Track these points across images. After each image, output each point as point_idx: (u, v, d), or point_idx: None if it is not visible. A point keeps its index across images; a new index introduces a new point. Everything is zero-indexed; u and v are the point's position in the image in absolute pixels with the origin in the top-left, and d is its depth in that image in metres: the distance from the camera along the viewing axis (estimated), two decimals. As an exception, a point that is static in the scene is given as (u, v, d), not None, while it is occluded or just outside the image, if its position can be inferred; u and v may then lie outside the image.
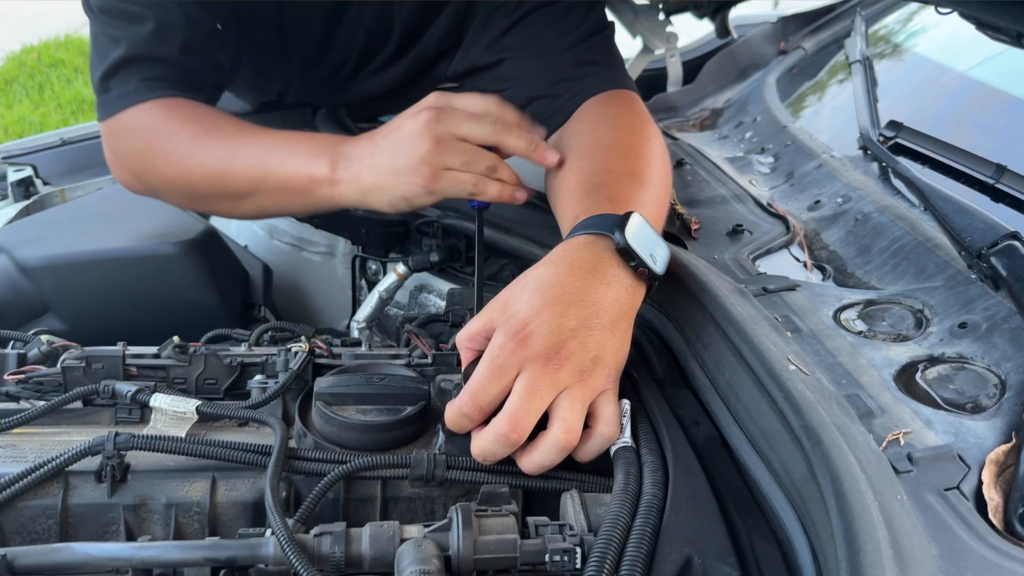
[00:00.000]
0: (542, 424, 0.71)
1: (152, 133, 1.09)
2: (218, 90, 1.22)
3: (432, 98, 0.97)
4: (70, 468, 0.71)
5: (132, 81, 1.09)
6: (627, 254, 0.77)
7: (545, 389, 0.70)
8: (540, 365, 0.70)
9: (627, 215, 0.80)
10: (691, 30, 1.87)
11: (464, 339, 0.77)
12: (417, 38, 1.30)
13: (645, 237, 0.79)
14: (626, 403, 0.75)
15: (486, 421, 0.72)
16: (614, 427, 0.73)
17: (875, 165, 1.13)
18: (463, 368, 0.76)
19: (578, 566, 0.61)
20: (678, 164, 1.31)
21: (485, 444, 0.70)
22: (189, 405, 0.79)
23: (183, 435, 0.76)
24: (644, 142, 1.01)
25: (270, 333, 0.98)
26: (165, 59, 1.10)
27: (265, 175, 1.01)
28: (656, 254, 0.80)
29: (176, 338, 0.89)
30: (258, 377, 0.86)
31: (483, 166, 0.95)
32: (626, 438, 0.73)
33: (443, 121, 0.94)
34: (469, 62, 1.25)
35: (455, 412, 0.72)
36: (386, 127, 0.99)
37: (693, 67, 1.75)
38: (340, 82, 1.40)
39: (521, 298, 0.74)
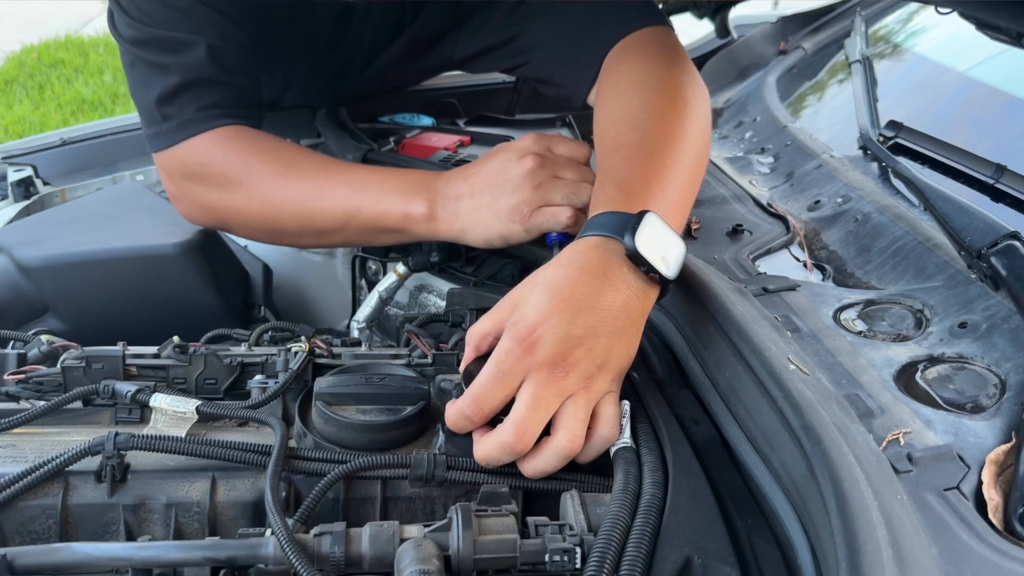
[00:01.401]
0: (545, 429, 0.71)
1: (229, 167, 1.07)
2: (262, 108, 1.20)
3: (532, 142, 0.99)
4: (70, 468, 0.71)
5: (189, 108, 1.07)
6: (637, 259, 0.76)
7: (551, 398, 0.70)
8: (546, 373, 0.70)
9: (641, 215, 0.77)
10: (691, 30, 1.87)
11: (474, 335, 0.76)
12: (414, 15, 1.29)
13: (658, 240, 0.77)
14: (626, 404, 0.75)
15: (489, 423, 0.72)
16: (614, 429, 0.73)
17: (875, 165, 1.13)
18: (462, 366, 0.76)
19: (578, 566, 0.61)
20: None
21: (489, 451, 0.70)
22: (189, 405, 0.79)
23: (183, 435, 0.76)
24: (667, 100, 0.98)
25: (270, 333, 0.98)
26: (220, 82, 1.09)
27: (357, 213, 1.02)
28: (669, 256, 0.77)
29: (176, 338, 0.89)
30: (258, 377, 0.86)
31: (582, 199, 0.95)
32: (626, 439, 0.73)
33: (546, 167, 0.96)
34: (481, 43, 1.23)
35: (456, 413, 0.72)
36: (482, 165, 1.00)
37: (693, 67, 1.75)
38: (343, 79, 1.39)
39: (530, 300, 0.74)
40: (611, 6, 1.10)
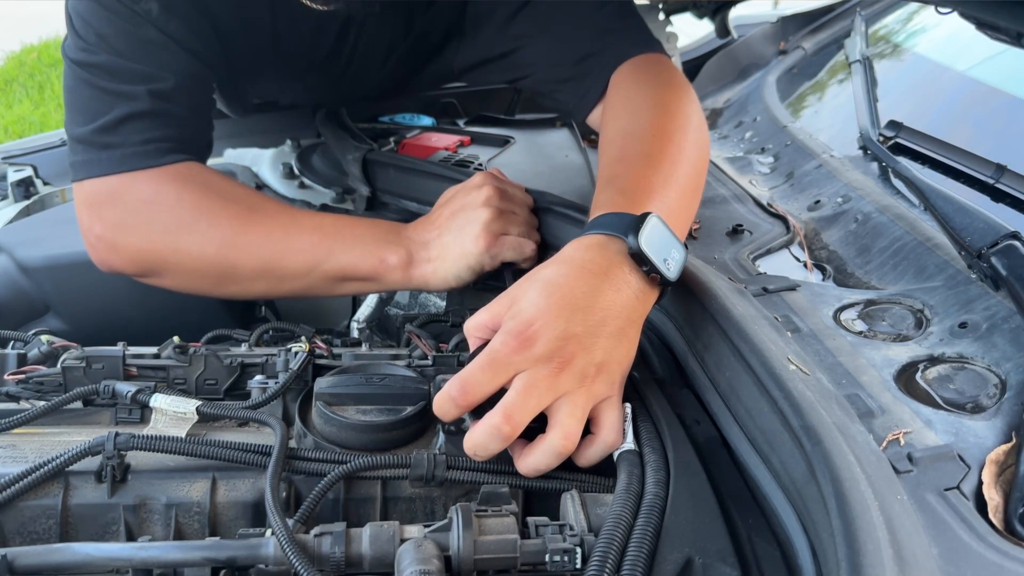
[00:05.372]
0: (542, 428, 0.71)
1: (184, 207, 0.99)
2: (210, 149, 1.12)
3: (485, 177, 1.02)
4: (70, 468, 0.71)
5: (136, 139, 0.99)
6: (640, 259, 0.76)
7: (544, 389, 0.70)
8: (540, 367, 0.70)
9: (644, 216, 0.78)
10: (691, 30, 1.87)
11: (471, 329, 0.77)
12: (410, 28, 1.28)
13: (660, 241, 0.77)
14: (627, 406, 0.75)
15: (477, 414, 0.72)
16: (616, 435, 0.73)
17: (875, 165, 1.13)
18: (470, 354, 0.76)
19: (578, 566, 0.61)
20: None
21: (477, 437, 0.70)
22: (189, 405, 0.79)
23: (183, 435, 0.76)
24: (669, 117, 1.00)
25: (270, 333, 0.98)
26: (174, 116, 1.01)
27: (327, 258, 0.99)
28: (671, 258, 0.78)
29: (176, 338, 0.89)
30: (258, 377, 0.86)
31: (534, 237, 1.01)
32: (628, 443, 0.72)
33: (504, 198, 1.00)
34: (479, 54, 1.23)
35: (443, 395, 0.72)
36: (443, 208, 1.02)
37: (693, 67, 1.75)
38: (339, 86, 1.39)
39: (528, 296, 0.74)
40: (613, 31, 1.13)
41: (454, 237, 0.98)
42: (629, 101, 1.06)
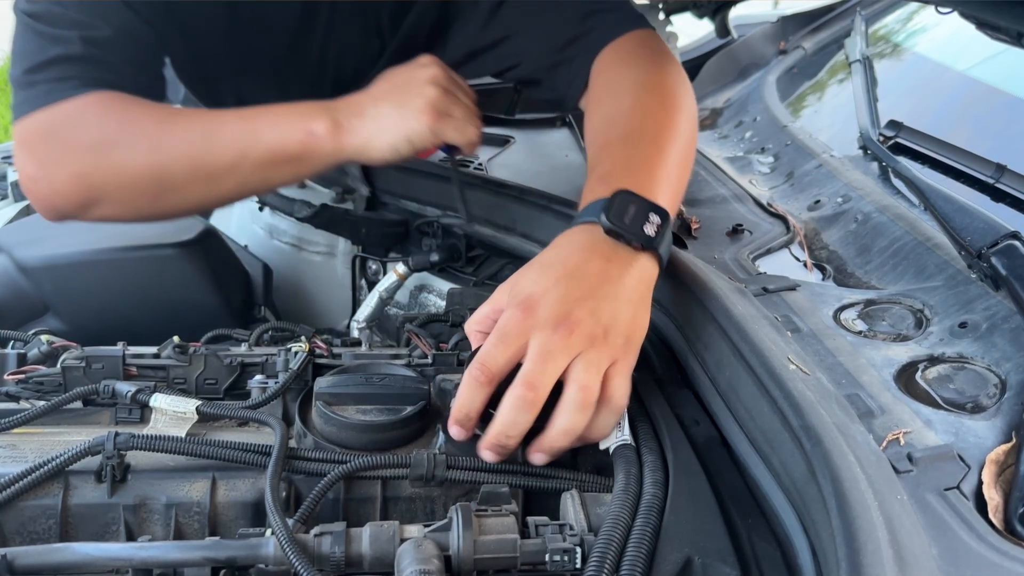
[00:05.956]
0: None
1: (108, 128, 0.98)
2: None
3: (431, 59, 1.04)
4: (70, 468, 0.71)
5: (61, 76, 0.98)
6: (614, 233, 0.78)
7: (558, 353, 0.70)
8: (550, 331, 0.71)
9: (615, 195, 0.80)
10: (691, 30, 1.87)
11: (473, 324, 0.78)
12: (400, 29, 1.28)
13: (635, 212, 0.79)
14: None
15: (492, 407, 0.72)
16: (624, 400, 0.73)
17: (875, 165, 1.13)
18: (470, 353, 0.76)
19: (578, 566, 0.61)
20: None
21: (505, 413, 0.70)
22: (189, 405, 0.79)
23: (183, 435, 0.76)
24: (651, 95, 1.01)
25: (270, 333, 0.98)
26: (106, 63, 1.00)
27: (254, 143, 0.97)
28: (651, 221, 0.80)
29: (176, 338, 0.89)
30: (258, 377, 0.86)
31: (476, 124, 1.03)
32: (625, 436, 0.73)
33: (450, 80, 1.02)
34: (467, 46, 1.23)
35: (466, 381, 0.72)
36: (384, 81, 1.02)
37: (693, 67, 1.75)
38: (325, 94, 1.38)
39: (526, 276, 0.77)
40: (597, 12, 1.13)
41: (395, 108, 0.98)
42: (611, 84, 1.07)
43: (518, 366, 0.71)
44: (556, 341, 0.71)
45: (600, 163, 0.93)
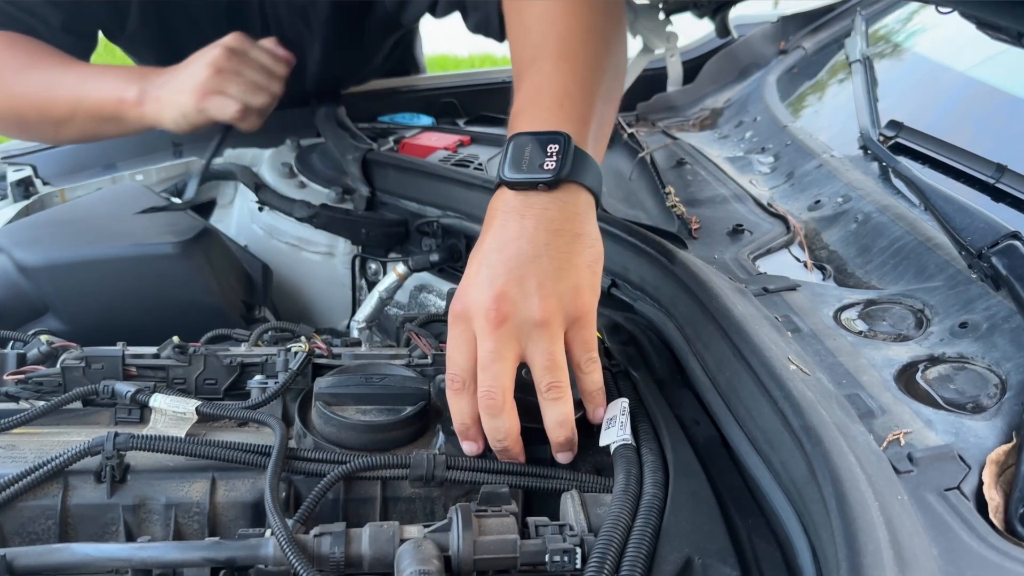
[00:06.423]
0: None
1: None
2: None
3: (231, 38, 1.16)
4: (69, 468, 0.71)
5: None
6: (514, 185, 0.74)
7: (503, 347, 0.70)
8: (483, 321, 0.70)
9: (507, 144, 0.76)
10: (691, 30, 1.87)
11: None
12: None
13: (528, 152, 0.74)
14: (624, 401, 0.75)
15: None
16: (590, 349, 0.73)
17: (875, 165, 1.13)
18: None
19: (578, 566, 0.61)
20: (678, 164, 1.31)
21: (485, 422, 0.71)
22: (189, 405, 0.79)
23: (183, 435, 0.76)
24: (548, 18, 0.90)
25: (270, 333, 0.98)
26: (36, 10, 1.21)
27: (82, 99, 1.17)
28: (550, 157, 0.73)
29: (176, 338, 0.89)
30: (258, 377, 0.86)
31: (255, 100, 1.13)
32: (626, 436, 0.72)
33: (231, 59, 1.13)
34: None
35: (448, 391, 0.73)
36: (189, 58, 1.17)
37: (693, 67, 1.75)
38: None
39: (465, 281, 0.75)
40: None
41: (177, 85, 1.13)
42: (516, 14, 0.97)
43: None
44: (492, 333, 0.69)
45: (513, 105, 0.85)
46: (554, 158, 0.73)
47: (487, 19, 1.20)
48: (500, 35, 1.22)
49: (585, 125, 0.80)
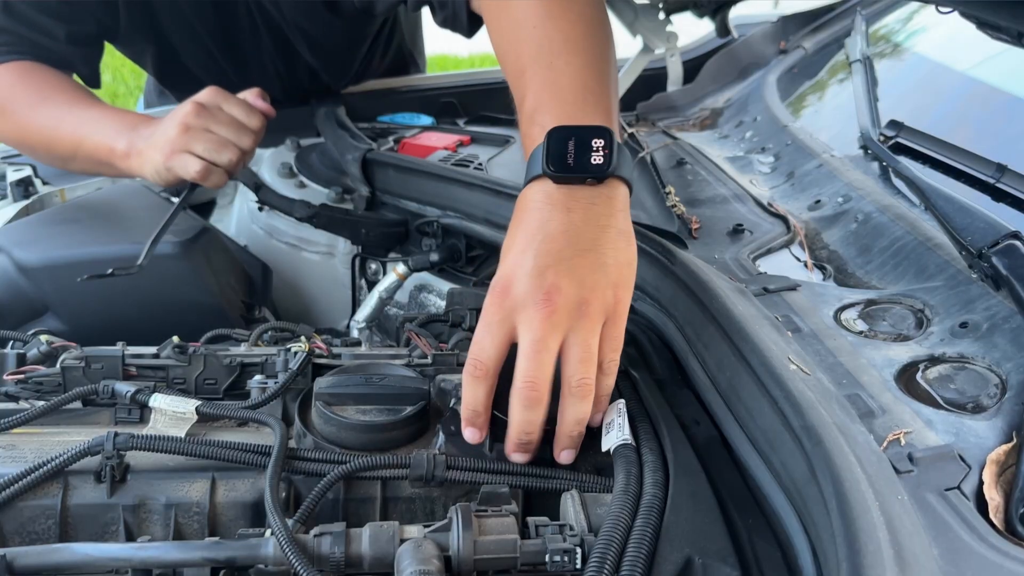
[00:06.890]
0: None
1: (3, 94, 1.25)
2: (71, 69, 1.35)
3: (204, 93, 1.16)
4: (69, 468, 0.71)
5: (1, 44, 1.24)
6: (560, 179, 0.74)
7: (549, 338, 0.69)
8: (532, 310, 0.70)
9: (548, 137, 0.75)
10: (691, 30, 1.87)
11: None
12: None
13: (572, 147, 0.74)
14: (620, 403, 0.75)
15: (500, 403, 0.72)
16: (616, 348, 0.73)
17: (876, 165, 1.13)
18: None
19: (578, 566, 0.61)
20: (678, 164, 1.31)
21: (518, 414, 0.70)
22: (189, 405, 0.79)
23: (183, 435, 0.76)
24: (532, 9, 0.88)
25: (270, 333, 0.98)
26: (14, 33, 1.24)
27: (81, 143, 1.21)
28: (594, 155, 0.73)
29: (176, 338, 0.89)
30: (258, 377, 0.86)
31: (222, 157, 1.13)
32: (625, 436, 0.72)
33: (200, 116, 1.13)
34: None
35: (465, 381, 0.72)
36: (170, 113, 1.18)
37: (693, 67, 1.75)
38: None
39: (502, 260, 0.75)
40: None
41: (154, 141, 1.14)
42: (502, 10, 0.94)
43: (513, 353, 0.71)
44: (542, 322, 0.69)
45: (524, 97, 0.85)
46: (601, 153, 0.74)
47: (455, 15, 1.19)
48: (468, 31, 1.21)
49: (611, 117, 0.81)
